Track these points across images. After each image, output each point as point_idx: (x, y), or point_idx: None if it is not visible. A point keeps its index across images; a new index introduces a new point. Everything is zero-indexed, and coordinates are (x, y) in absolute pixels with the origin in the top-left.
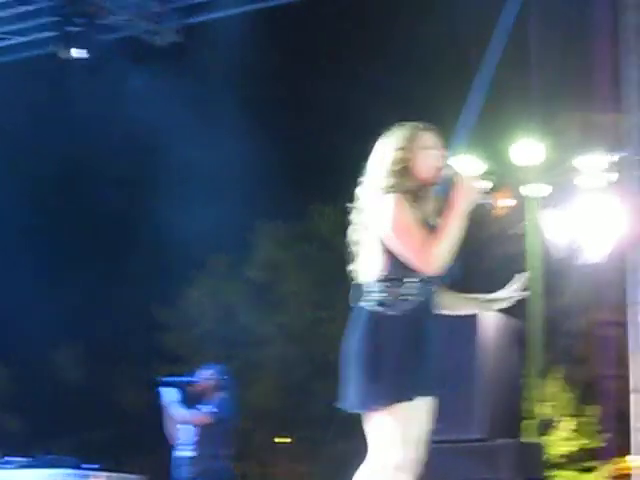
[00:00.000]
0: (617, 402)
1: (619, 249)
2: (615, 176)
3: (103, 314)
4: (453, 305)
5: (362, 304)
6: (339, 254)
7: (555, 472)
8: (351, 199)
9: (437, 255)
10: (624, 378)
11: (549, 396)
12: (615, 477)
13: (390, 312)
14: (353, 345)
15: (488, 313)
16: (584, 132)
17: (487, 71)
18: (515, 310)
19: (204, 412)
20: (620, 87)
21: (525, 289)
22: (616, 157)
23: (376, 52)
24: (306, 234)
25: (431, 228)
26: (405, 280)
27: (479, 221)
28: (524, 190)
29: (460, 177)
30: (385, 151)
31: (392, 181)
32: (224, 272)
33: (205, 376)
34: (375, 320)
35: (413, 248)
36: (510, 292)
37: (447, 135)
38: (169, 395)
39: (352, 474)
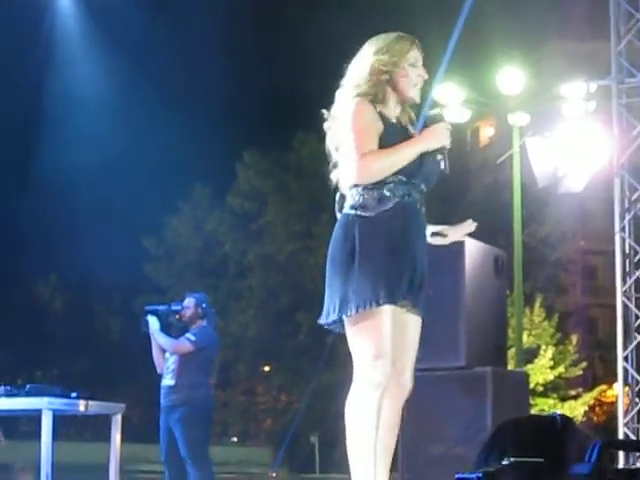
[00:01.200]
0: (598, 331)
1: (602, 178)
2: (593, 105)
3: (86, 243)
4: None
5: (341, 211)
6: (320, 183)
7: (536, 400)
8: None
9: (370, 167)
10: (606, 307)
11: (531, 325)
12: (596, 405)
13: (364, 213)
14: (331, 251)
15: (471, 241)
16: (566, 60)
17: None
18: (496, 239)
19: (185, 340)
20: (599, 16)
21: (465, 235)
22: (594, 86)
23: None
24: (288, 164)
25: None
26: (378, 182)
27: (467, 149)
28: (511, 118)
29: (440, 120)
30: (371, 57)
31: (367, 88)
32: (207, 202)
33: (186, 304)
34: (350, 223)
35: (355, 152)
36: (451, 231)
37: (430, 63)
38: (153, 323)
39: (335, 403)
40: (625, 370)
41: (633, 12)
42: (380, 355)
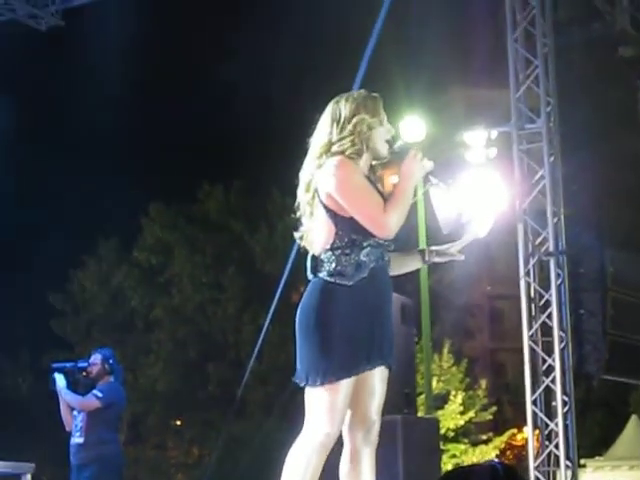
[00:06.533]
0: (507, 375)
1: (505, 223)
2: (495, 151)
3: None
4: (397, 264)
5: (317, 275)
6: (227, 235)
7: (448, 445)
8: (240, 179)
9: (394, 219)
10: (513, 351)
11: (440, 371)
12: (507, 449)
13: (343, 282)
14: (304, 317)
15: None
16: (467, 108)
17: (369, 48)
18: (403, 286)
19: (92, 397)
20: (500, 63)
21: (461, 252)
22: (495, 132)
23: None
24: (194, 215)
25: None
26: (355, 246)
27: None
28: None
29: (414, 149)
30: (350, 115)
31: (349, 145)
32: (114, 256)
33: (93, 361)
34: (329, 291)
35: (368, 210)
36: (450, 249)
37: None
38: (60, 381)
39: (247, 454)
40: (534, 414)
41: (531, 59)
42: (338, 419)
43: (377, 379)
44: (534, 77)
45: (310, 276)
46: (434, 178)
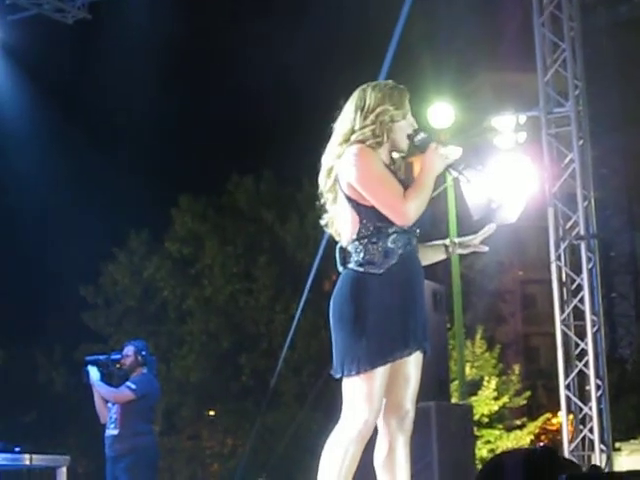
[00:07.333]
0: (539, 359)
1: (535, 208)
2: (524, 136)
3: (24, 295)
4: (420, 257)
5: (346, 266)
6: (257, 225)
7: (482, 431)
8: (270, 169)
9: (413, 207)
10: (546, 335)
11: (473, 357)
12: (541, 434)
13: (374, 270)
14: (337, 308)
15: None
16: (495, 93)
17: (396, 34)
18: (434, 273)
19: (125, 389)
20: (527, 47)
21: (485, 243)
22: (524, 117)
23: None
24: (224, 206)
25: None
26: (381, 234)
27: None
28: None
29: (435, 142)
30: (374, 104)
31: (370, 134)
32: (145, 248)
33: (126, 353)
34: (360, 280)
35: (388, 198)
36: (473, 240)
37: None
38: (94, 374)
39: (281, 444)
40: (568, 398)
41: (559, 42)
42: (375, 408)
43: (412, 365)
44: (562, 61)
45: (340, 268)
46: (454, 171)
